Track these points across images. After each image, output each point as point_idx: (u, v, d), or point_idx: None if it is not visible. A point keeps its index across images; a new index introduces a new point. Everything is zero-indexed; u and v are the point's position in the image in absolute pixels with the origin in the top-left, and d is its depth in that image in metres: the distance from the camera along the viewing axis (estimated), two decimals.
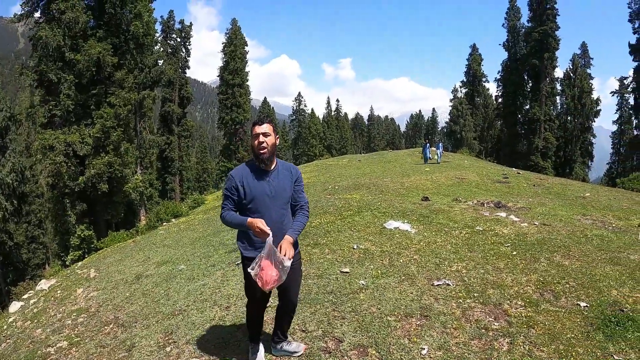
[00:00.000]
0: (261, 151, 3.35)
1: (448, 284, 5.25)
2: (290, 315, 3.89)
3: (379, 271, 5.85)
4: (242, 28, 64.44)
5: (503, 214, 8.85)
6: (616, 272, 5.46)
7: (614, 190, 16.16)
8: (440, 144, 30.18)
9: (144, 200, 37.23)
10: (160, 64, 41.73)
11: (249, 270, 3.22)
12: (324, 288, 5.45)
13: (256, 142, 3.36)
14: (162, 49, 51.43)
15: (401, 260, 6.21)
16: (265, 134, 3.36)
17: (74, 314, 6.68)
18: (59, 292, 8.59)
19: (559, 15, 54.06)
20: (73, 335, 5.73)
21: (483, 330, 4.16)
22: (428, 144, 29.05)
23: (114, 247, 15.55)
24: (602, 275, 5.35)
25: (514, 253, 6.27)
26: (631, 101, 53.88)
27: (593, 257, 6.05)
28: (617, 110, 58.50)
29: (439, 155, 27.98)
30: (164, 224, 21.87)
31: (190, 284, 6.47)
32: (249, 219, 3.27)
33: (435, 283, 5.30)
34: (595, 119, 57.82)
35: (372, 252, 6.66)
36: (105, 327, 5.69)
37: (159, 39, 49.78)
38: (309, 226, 8.65)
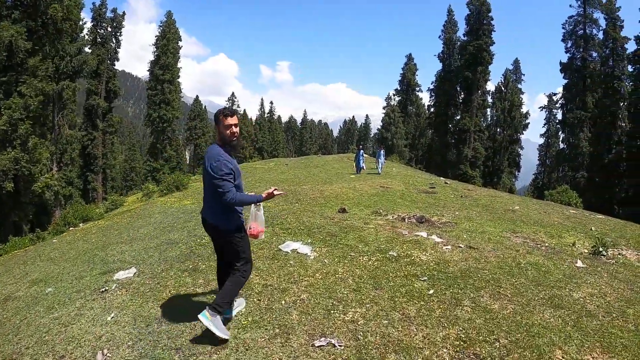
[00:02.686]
0: (234, 138, 3.95)
1: (334, 345, 3.69)
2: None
3: (250, 318, 4.28)
4: (182, 24, 62.30)
5: (424, 234, 7.49)
6: (559, 320, 4.16)
7: (543, 204, 15.43)
8: (381, 152, 24.29)
9: (59, 200, 34.25)
10: (84, 53, 38.51)
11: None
12: (173, 341, 3.99)
13: (229, 132, 3.92)
14: (89, 37, 48.03)
15: (284, 302, 4.64)
16: (237, 125, 3.96)
17: None
18: None
19: (494, 31, 55.12)
20: None
21: None
22: (362, 151, 23.81)
23: (5, 257, 13.73)
24: (542, 326, 4.02)
25: (431, 292, 4.81)
26: (559, 116, 55.99)
27: (529, 297, 4.73)
28: (544, 124, 60.63)
29: (381, 165, 23.55)
30: (71, 228, 19.72)
31: (46, 315, 5.36)
32: (265, 193, 4.07)
33: (317, 343, 3.73)
34: (523, 131, 59.58)
35: (252, 287, 5.09)
36: None
37: (88, 26, 47.70)
38: (195, 244, 7.53)
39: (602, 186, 41.37)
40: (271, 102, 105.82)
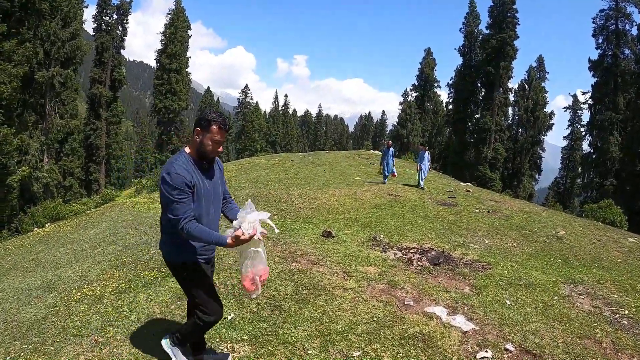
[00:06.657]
0: (214, 155, 3.00)
1: None
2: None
3: None
4: (200, 16, 61.16)
5: (442, 312, 4.37)
6: None
7: (592, 226, 12.17)
8: (426, 155, 16.02)
9: (51, 192, 32.39)
10: (78, 39, 36.22)
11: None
12: None
13: (213, 146, 2.93)
14: (94, 23, 47.26)
15: None
16: (223, 142, 3.04)
17: None
18: None
19: (519, 24, 51.47)
20: None
21: None
22: (392, 150, 16.51)
23: None
24: None
25: None
26: (584, 117, 52.52)
27: None
28: (568, 126, 56.76)
29: (424, 172, 15.69)
30: (36, 229, 17.32)
31: None
32: (229, 240, 2.73)
33: None
34: (547, 132, 55.82)
35: None
36: None
37: (93, 13, 46.56)
38: (64, 299, 5.13)
39: (633, 195, 37.92)
40: (286, 96, 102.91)
